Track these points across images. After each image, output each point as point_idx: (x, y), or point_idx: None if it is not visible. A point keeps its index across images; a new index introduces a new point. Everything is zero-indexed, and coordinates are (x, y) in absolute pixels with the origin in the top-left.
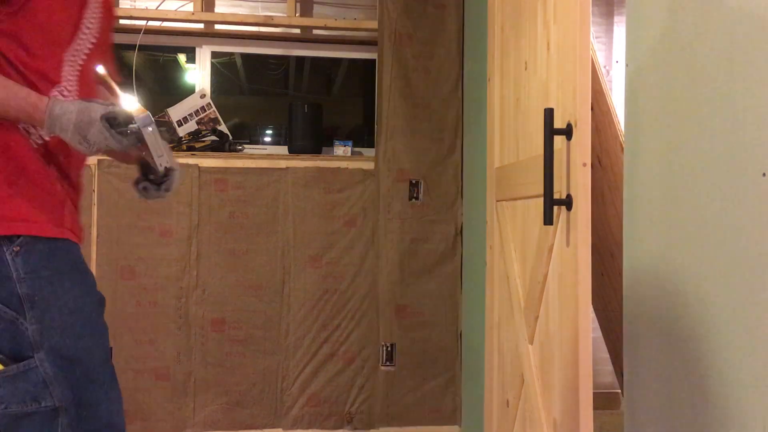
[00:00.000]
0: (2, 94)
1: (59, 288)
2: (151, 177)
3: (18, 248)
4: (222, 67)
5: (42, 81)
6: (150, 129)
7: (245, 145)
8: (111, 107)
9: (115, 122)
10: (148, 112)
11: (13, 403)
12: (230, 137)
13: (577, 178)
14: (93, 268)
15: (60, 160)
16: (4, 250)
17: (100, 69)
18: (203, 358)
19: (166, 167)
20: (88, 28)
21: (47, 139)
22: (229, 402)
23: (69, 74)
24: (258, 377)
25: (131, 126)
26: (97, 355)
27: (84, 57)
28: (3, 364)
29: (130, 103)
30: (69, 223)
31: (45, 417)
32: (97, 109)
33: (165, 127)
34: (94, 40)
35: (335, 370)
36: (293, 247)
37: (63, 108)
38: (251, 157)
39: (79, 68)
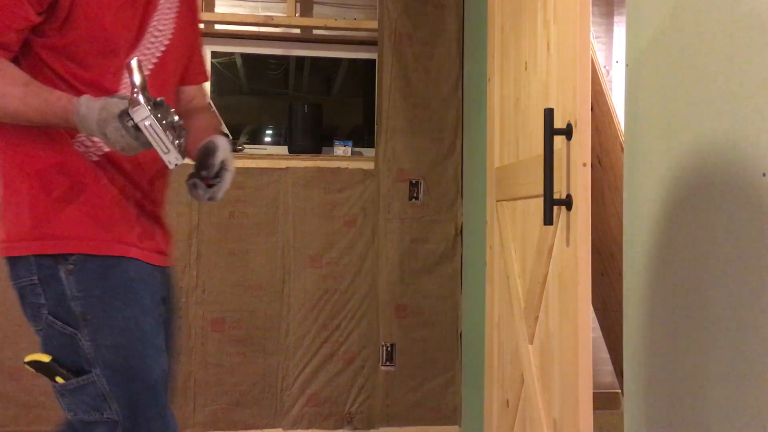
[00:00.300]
0: (35, 103)
1: (109, 308)
2: (204, 173)
3: (72, 266)
4: (222, 67)
5: (96, 92)
6: (147, 123)
7: (245, 145)
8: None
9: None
10: (143, 104)
11: (79, 412)
12: (230, 137)
13: (577, 178)
14: None
15: (128, 170)
16: (60, 268)
17: (133, 62)
18: (203, 358)
19: (175, 162)
20: (159, 30)
21: (107, 150)
22: (229, 402)
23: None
24: (258, 377)
25: (127, 121)
26: (152, 374)
27: (155, 61)
28: (64, 378)
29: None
30: (133, 237)
31: (109, 427)
32: (116, 105)
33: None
34: (167, 42)
35: (335, 370)
36: (293, 247)
37: (89, 107)
38: (251, 157)
39: (148, 73)
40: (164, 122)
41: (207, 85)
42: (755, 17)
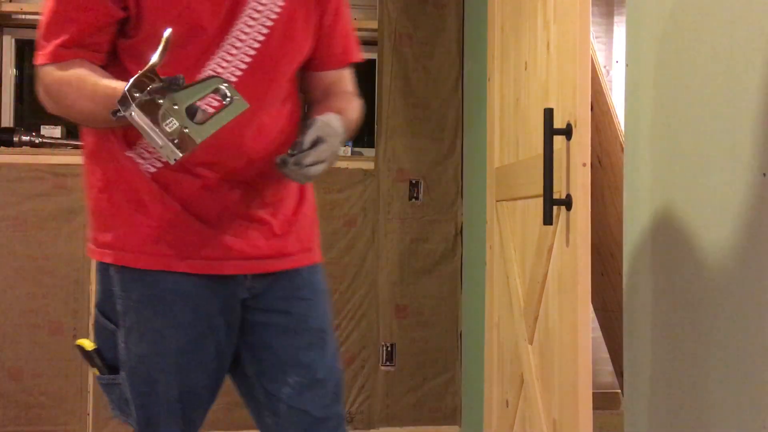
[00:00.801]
0: (102, 100)
1: (141, 315)
2: (290, 151)
3: (119, 266)
4: None
5: None
6: (132, 113)
7: None
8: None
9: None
10: (125, 91)
11: (115, 406)
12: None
13: (576, 178)
14: (91, 269)
15: (194, 176)
16: (110, 266)
17: (166, 32)
18: None
19: (174, 158)
20: (258, 11)
21: (164, 161)
22: (229, 402)
23: (217, 71)
24: None
25: (116, 112)
26: (170, 392)
27: (257, 46)
28: (99, 371)
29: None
30: (174, 250)
31: (135, 430)
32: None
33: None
34: (270, 23)
35: None
36: None
37: None
38: None
39: (248, 62)
40: (175, 107)
41: None
42: (755, 18)
